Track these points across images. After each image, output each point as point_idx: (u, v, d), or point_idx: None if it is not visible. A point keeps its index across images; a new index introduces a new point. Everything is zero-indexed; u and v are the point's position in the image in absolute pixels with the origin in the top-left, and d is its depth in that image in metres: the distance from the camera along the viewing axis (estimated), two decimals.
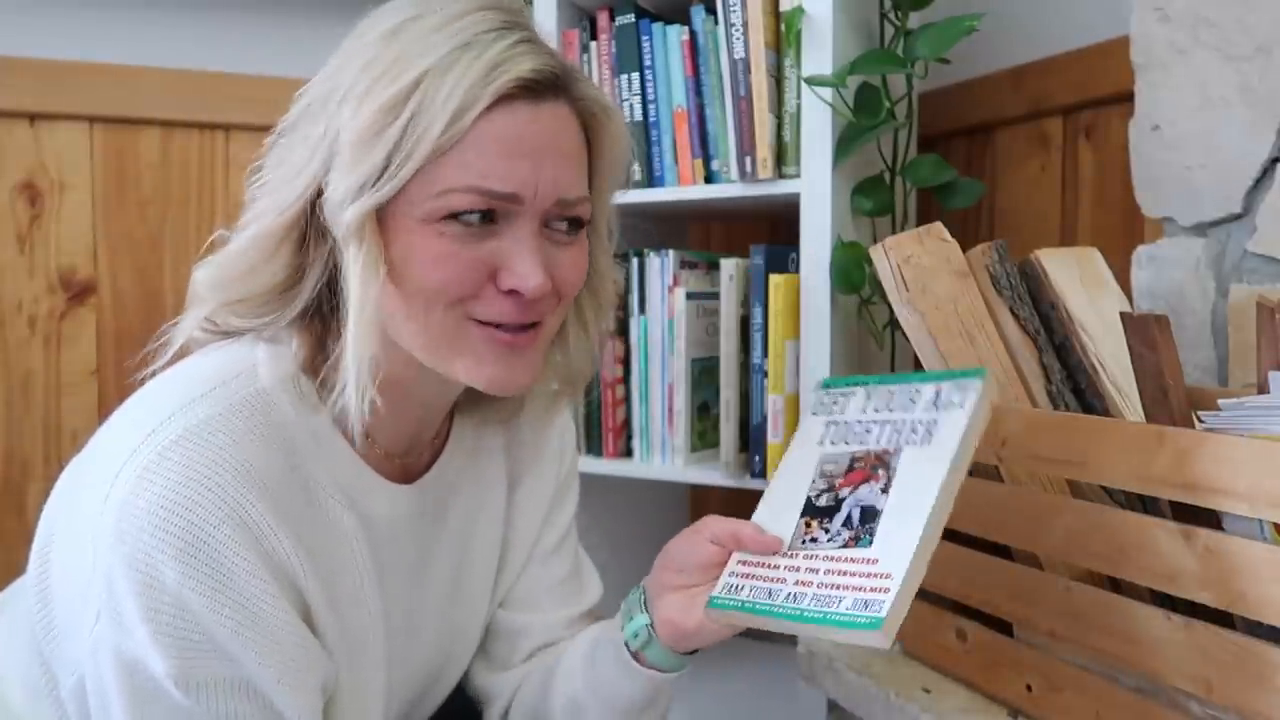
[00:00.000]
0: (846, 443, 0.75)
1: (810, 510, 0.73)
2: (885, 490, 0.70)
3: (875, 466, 0.72)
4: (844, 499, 0.72)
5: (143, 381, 0.68)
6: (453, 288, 0.63)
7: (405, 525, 0.75)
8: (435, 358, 0.66)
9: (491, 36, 0.63)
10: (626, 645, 0.76)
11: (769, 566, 0.72)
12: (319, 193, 0.64)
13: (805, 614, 0.67)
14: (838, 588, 0.67)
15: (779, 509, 0.75)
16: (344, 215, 0.62)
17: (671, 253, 1.35)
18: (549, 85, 0.65)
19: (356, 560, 0.70)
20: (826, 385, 0.81)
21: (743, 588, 0.72)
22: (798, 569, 0.70)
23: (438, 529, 0.78)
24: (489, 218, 0.64)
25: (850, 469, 0.73)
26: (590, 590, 0.91)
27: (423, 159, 0.61)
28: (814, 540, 0.71)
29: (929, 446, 0.70)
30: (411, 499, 0.75)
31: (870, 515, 0.69)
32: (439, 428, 0.78)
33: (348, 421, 0.65)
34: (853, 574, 0.68)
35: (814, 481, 0.74)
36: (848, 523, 0.70)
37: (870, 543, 0.68)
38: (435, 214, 0.62)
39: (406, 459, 0.75)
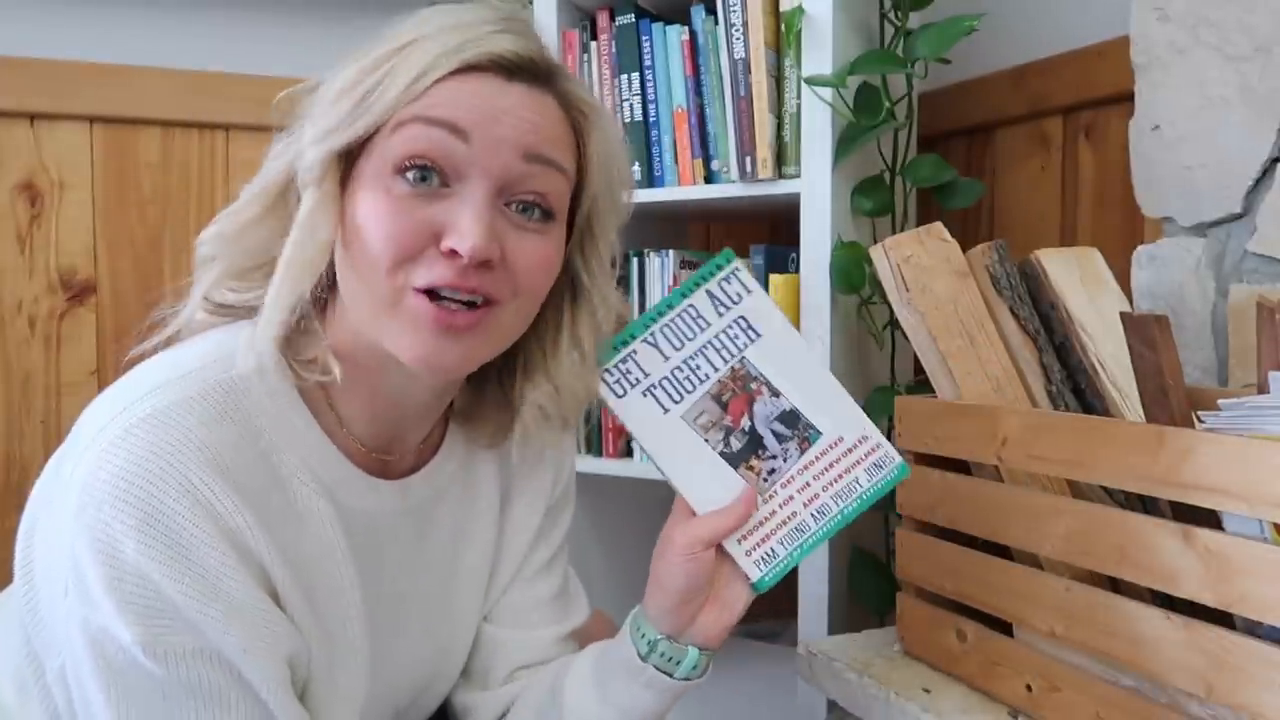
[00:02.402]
0: (690, 391, 0.73)
1: (737, 458, 0.72)
2: (775, 393, 0.72)
3: (743, 385, 0.72)
4: (753, 427, 0.72)
5: (133, 364, 0.67)
6: (394, 245, 0.61)
7: (388, 521, 0.73)
8: (373, 325, 0.64)
9: (484, 23, 0.64)
10: (662, 670, 0.75)
11: (768, 520, 0.72)
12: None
13: (844, 513, 0.71)
14: (841, 477, 0.71)
15: (709, 482, 0.72)
16: (304, 160, 0.63)
17: (671, 252, 1.35)
18: (527, 69, 0.64)
19: (333, 548, 0.69)
20: (607, 367, 0.74)
21: (772, 551, 0.72)
22: (792, 498, 0.71)
23: (427, 534, 0.77)
24: (439, 177, 0.62)
25: (725, 405, 0.73)
26: (577, 611, 0.89)
27: (383, 110, 0.61)
28: (773, 472, 0.72)
29: (762, 336, 0.73)
30: (393, 495, 0.73)
31: (791, 418, 0.71)
32: (430, 433, 0.77)
33: (323, 410, 0.67)
34: (837, 460, 0.71)
35: (706, 440, 0.72)
36: (781, 438, 0.71)
37: (819, 433, 0.71)
38: (389, 163, 0.62)
39: (388, 457, 0.74)
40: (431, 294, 0.62)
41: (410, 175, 0.61)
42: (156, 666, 0.60)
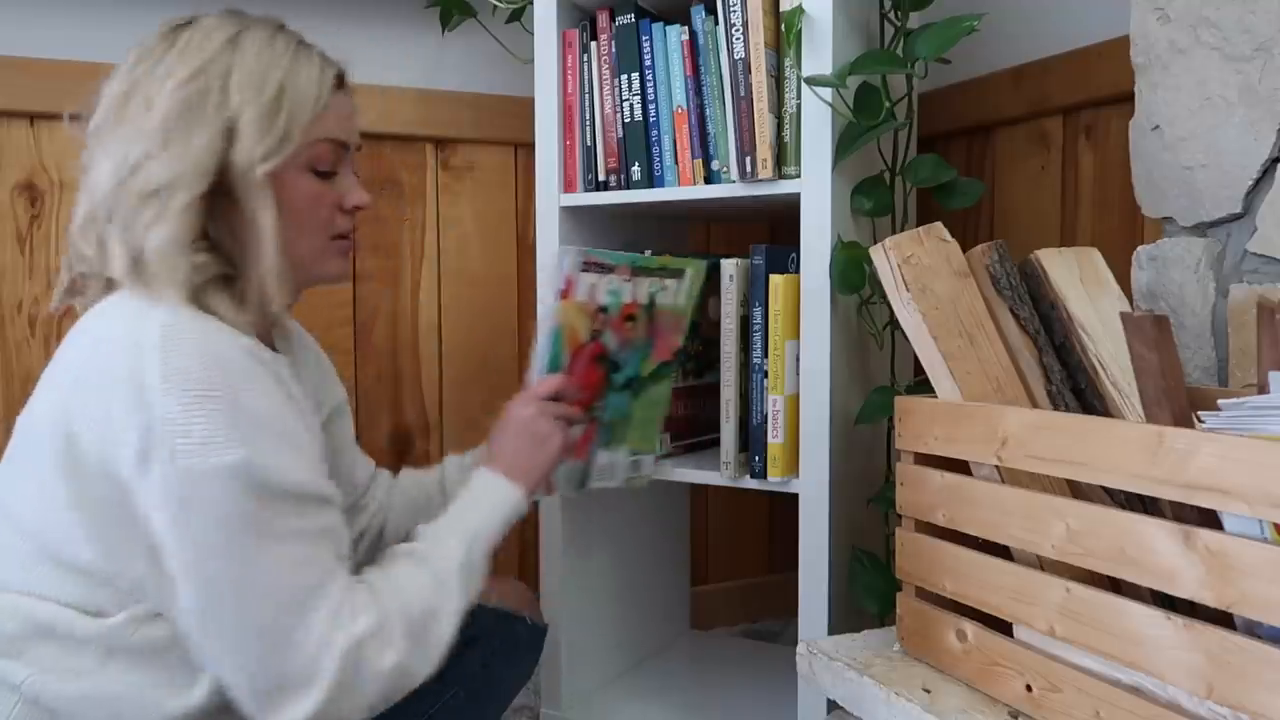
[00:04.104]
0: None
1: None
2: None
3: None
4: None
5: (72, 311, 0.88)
6: (325, 219, 0.92)
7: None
8: (307, 265, 0.91)
9: (305, 49, 0.90)
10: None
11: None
12: (225, 164, 0.83)
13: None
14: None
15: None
16: (255, 174, 0.84)
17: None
18: (343, 77, 0.94)
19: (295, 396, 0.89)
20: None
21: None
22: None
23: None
24: (334, 168, 0.92)
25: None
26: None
27: (301, 135, 0.87)
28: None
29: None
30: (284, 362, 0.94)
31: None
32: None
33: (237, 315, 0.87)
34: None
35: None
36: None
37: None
38: (305, 166, 0.88)
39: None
40: (342, 237, 0.95)
41: (322, 170, 0.91)
42: (266, 483, 0.75)
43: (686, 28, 1.29)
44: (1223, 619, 0.66)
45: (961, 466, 0.88)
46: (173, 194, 0.82)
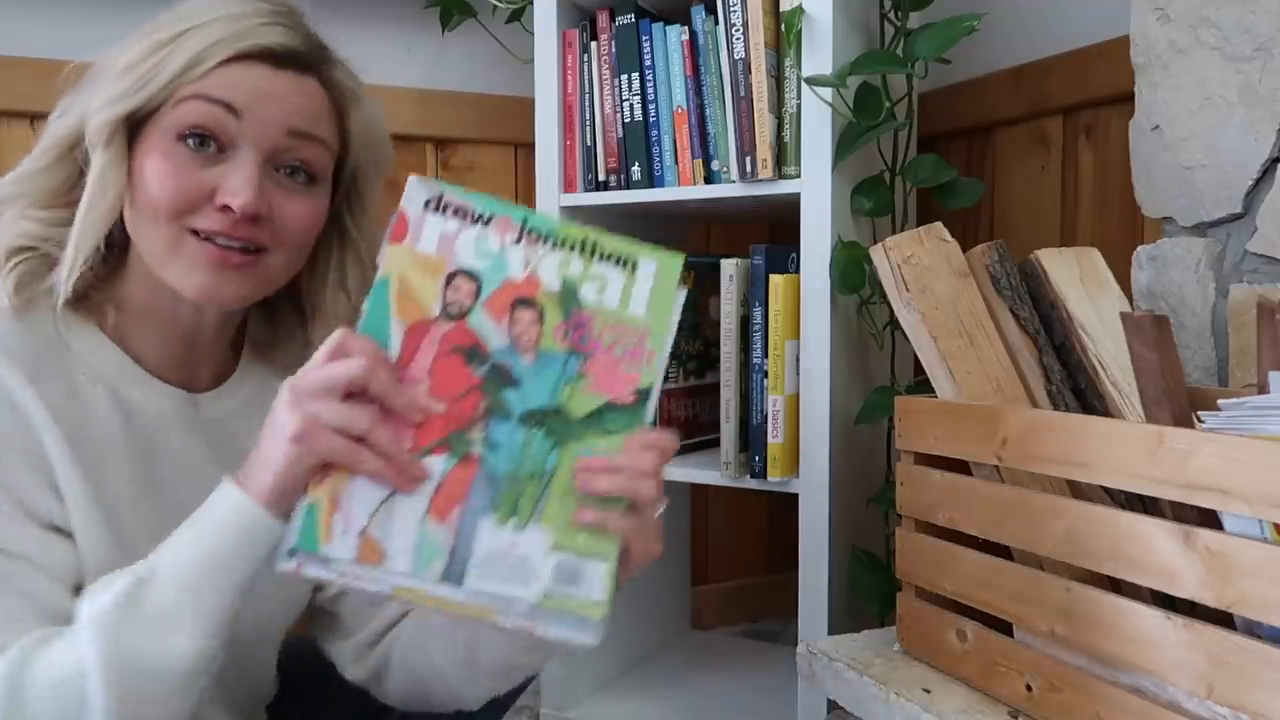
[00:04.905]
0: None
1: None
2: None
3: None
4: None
5: None
6: (172, 202, 0.71)
7: (174, 428, 0.79)
8: (160, 267, 0.73)
9: (254, 15, 0.74)
10: None
11: None
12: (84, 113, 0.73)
13: None
14: None
15: None
16: (92, 122, 0.72)
17: None
18: (293, 59, 0.75)
19: (112, 430, 0.75)
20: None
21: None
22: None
23: (222, 456, 0.78)
24: (217, 145, 0.72)
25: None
26: None
27: (163, 85, 0.71)
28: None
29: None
30: (181, 401, 0.79)
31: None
32: (224, 366, 0.84)
33: (106, 325, 0.76)
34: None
35: None
36: None
37: None
38: (171, 131, 0.71)
39: (185, 384, 0.81)
40: (208, 239, 0.73)
41: (190, 141, 0.72)
42: None
43: (686, 28, 1.29)
44: (1223, 619, 0.66)
45: (961, 466, 0.88)
46: (38, 153, 0.76)
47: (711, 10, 1.27)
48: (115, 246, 0.75)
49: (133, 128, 0.73)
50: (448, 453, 0.64)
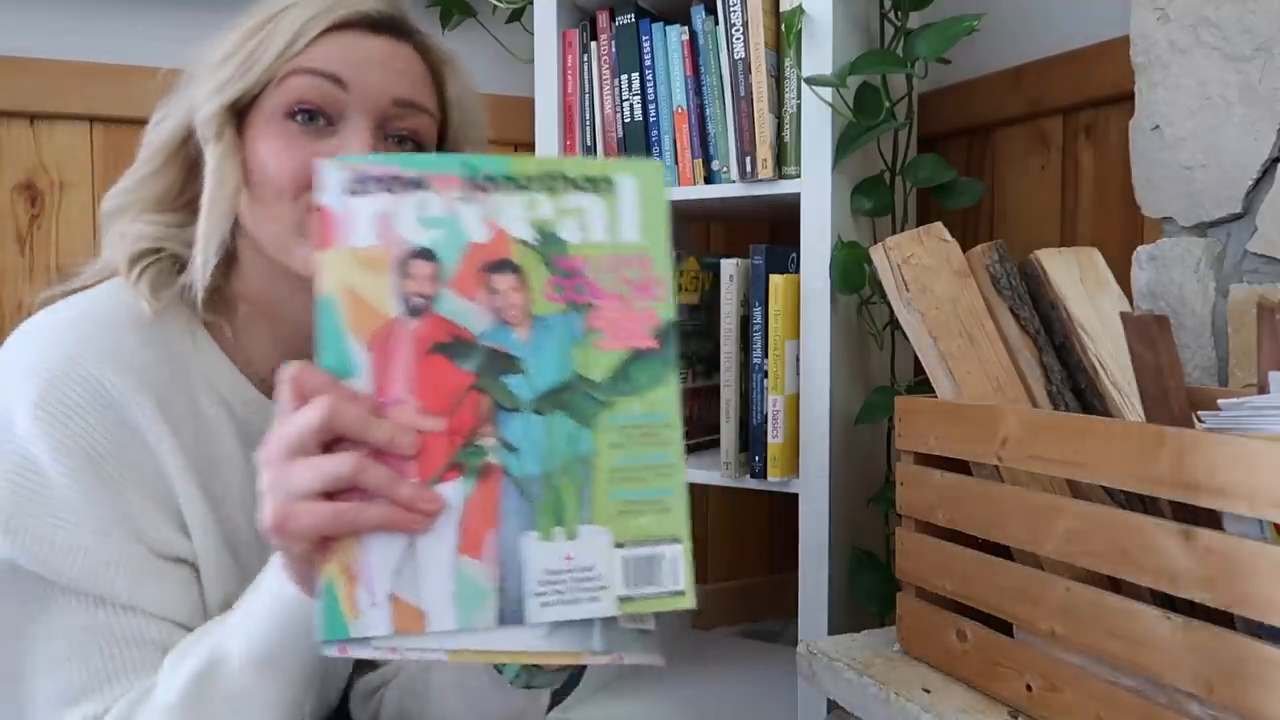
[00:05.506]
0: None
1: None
2: None
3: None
4: None
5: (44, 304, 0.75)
6: (293, 177, 0.69)
7: None
8: (283, 249, 0.71)
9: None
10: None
11: None
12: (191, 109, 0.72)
13: None
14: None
15: None
16: (200, 115, 0.71)
17: None
18: (388, 25, 0.74)
19: (232, 456, 0.73)
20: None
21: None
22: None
23: None
24: (326, 119, 0.71)
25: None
26: None
27: (266, 66, 0.70)
28: None
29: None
30: None
31: None
32: None
33: (230, 348, 0.75)
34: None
35: None
36: None
37: None
38: (279, 110, 0.70)
39: None
40: None
41: (299, 118, 0.70)
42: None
43: (686, 28, 1.29)
44: (1223, 619, 0.66)
45: (961, 466, 0.88)
46: (145, 159, 0.75)
47: (711, 10, 1.27)
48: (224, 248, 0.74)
49: (239, 116, 0.72)
50: (461, 473, 0.53)
